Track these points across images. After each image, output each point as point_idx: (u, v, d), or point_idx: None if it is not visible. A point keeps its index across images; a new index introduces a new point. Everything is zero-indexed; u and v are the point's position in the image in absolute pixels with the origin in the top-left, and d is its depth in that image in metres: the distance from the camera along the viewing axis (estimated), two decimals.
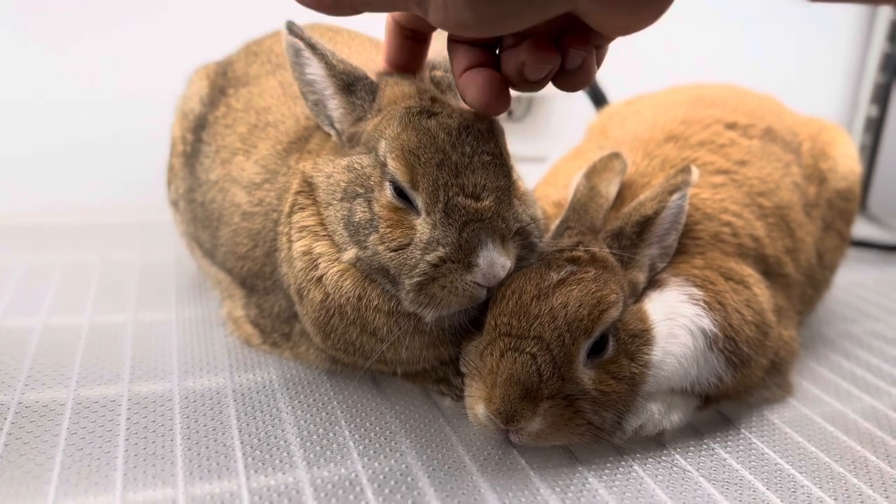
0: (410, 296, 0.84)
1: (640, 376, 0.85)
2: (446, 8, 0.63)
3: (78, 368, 1.00)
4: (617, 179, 0.97)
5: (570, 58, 0.72)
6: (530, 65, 0.71)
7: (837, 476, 0.88)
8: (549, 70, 0.72)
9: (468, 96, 0.76)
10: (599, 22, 0.65)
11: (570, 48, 0.71)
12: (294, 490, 0.79)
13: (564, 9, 0.63)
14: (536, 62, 0.71)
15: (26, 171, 1.64)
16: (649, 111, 1.18)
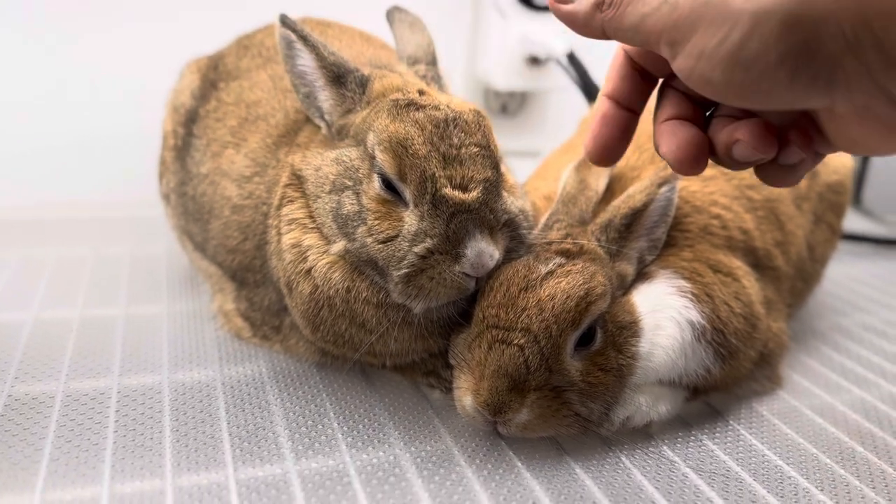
0: (399, 287, 0.84)
1: (627, 368, 0.85)
2: (700, 59, 0.60)
3: (68, 361, 1.00)
4: (606, 173, 0.97)
5: (788, 154, 0.67)
6: (745, 146, 0.66)
7: (825, 467, 0.88)
8: (761, 158, 0.67)
9: (664, 146, 0.71)
10: (845, 132, 0.62)
11: (793, 144, 0.66)
12: (282, 481, 0.79)
13: (816, 106, 0.60)
14: (753, 145, 0.65)
15: (18, 166, 1.64)
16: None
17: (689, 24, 0.60)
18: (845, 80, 0.55)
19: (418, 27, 1.05)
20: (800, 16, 0.54)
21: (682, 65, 0.63)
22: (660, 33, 0.63)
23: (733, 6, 0.57)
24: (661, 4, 0.63)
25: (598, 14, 0.69)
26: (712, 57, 0.59)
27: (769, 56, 0.56)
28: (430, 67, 1.02)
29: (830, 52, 0.54)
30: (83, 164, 1.67)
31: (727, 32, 0.58)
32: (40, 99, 1.63)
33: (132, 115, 1.58)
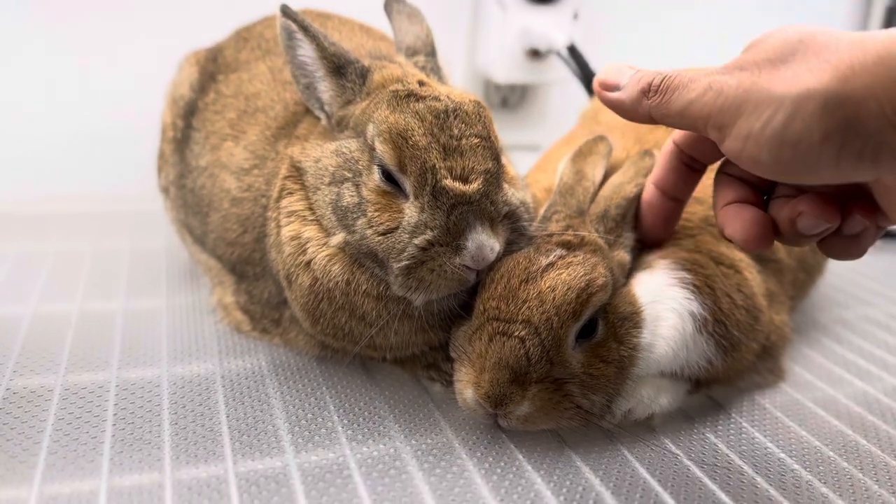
0: (399, 280, 0.83)
1: (629, 359, 0.85)
2: (747, 141, 0.63)
3: (67, 355, 1.00)
4: (603, 163, 0.97)
5: (851, 223, 0.68)
6: (808, 218, 0.68)
7: (827, 460, 0.88)
8: (825, 228, 0.68)
9: (729, 228, 0.73)
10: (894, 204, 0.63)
11: (855, 213, 0.68)
12: (282, 474, 0.79)
13: (865, 179, 0.61)
14: (815, 216, 0.67)
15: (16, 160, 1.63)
16: None
17: (734, 109, 0.63)
18: (890, 154, 0.57)
19: (417, 18, 1.04)
20: (840, 97, 0.57)
21: (730, 147, 0.65)
22: (707, 118, 0.66)
23: (776, 91, 0.60)
24: (706, 91, 0.66)
25: (645, 101, 0.72)
26: (759, 139, 0.61)
27: (813, 136, 0.58)
28: (429, 58, 1.01)
29: (872, 130, 0.57)
30: (81, 157, 1.67)
31: (771, 115, 0.60)
32: (39, 93, 1.62)
33: (130, 109, 1.57)
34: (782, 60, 0.62)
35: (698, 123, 0.67)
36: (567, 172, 0.96)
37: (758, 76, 0.62)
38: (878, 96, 0.55)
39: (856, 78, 0.56)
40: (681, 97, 0.68)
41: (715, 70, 0.67)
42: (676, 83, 0.69)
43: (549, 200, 0.95)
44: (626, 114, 0.76)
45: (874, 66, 0.56)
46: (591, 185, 0.94)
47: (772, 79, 0.61)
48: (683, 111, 0.68)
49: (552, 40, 1.67)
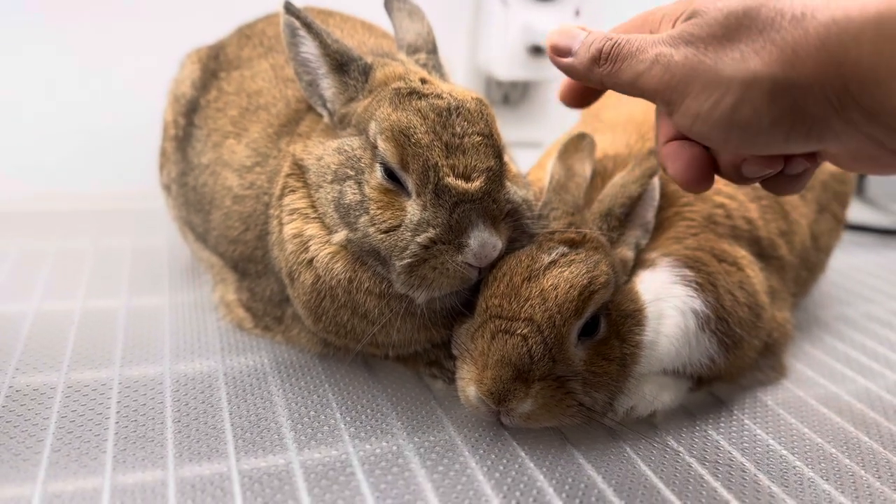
0: (401, 277, 0.83)
1: (631, 357, 0.85)
2: (696, 120, 0.63)
3: (70, 352, 1.00)
4: (589, 158, 0.97)
5: (794, 165, 0.69)
6: (752, 164, 0.67)
7: (830, 457, 0.88)
8: (768, 173, 0.68)
9: (671, 168, 0.72)
10: (842, 164, 0.65)
11: (797, 158, 0.68)
12: (285, 472, 0.79)
13: (811, 150, 0.63)
14: (760, 162, 0.67)
15: (19, 158, 1.64)
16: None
17: (681, 87, 0.64)
18: (834, 134, 0.59)
19: (417, 16, 1.04)
20: (787, 83, 0.58)
21: (679, 122, 0.66)
22: (655, 92, 0.67)
23: (723, 72, 0.60)
24: (653, 64, 0.66)
25: (596, 69, 0.72)
26: (707, 119, 0.62)
27: (762, 120, 0.60)
28: (431, 56, 1.01)
29: (818, 115, 0.58)
30: (83, 155, 1.67)
31: (719, 98, 0.61)
32: (40, 91, 1.62)
33: (132, 107, 1.58)
34: (728, 38, 0.61)
35: (647, 95, 0.68)
36: (557, 170, 0.96)
37: (704, 53, 0.62)
38: (822, 83, 0.56)
39: (800, 63, 0.56)
40: (630, 68, 0.68)
41: (662, 39, 0.66)
42: (626, 51, 0.68)
43: (543, 199, 0.95)
44: (579, 79, 0.76)
45: (816, 51, 0.56)
46: (582, 180, 0.94)
47: (718, 58, 0.61)
48: (633, 82, 0.68)
49: None
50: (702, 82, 0.62)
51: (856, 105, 0.55)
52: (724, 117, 0.61)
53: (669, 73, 0.64)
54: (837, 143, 0.60)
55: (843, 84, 0.55)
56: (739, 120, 0.60)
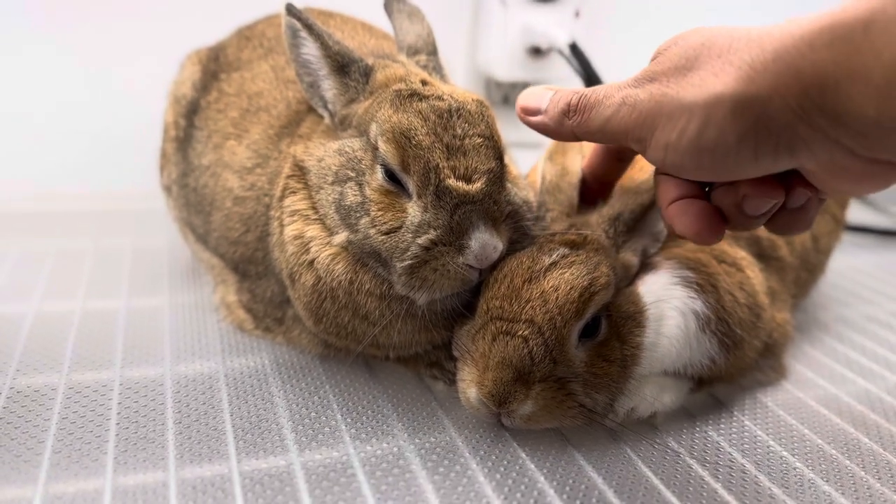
0: (402, 279, 0.83)
1: (631, 358, 0.85)
2: (667, 151, 0.65)
3: (70, 354, 1.00)
4: (579, 156, 0.97)
5: (795, 196, 0.68)
6: (752, 199, 0.67)
7: (830, 458, 0.88)
8: (771, 205, 0.68)
9: (678, 226, 0.72)
10: (822, 183, 0.64)
11: (797, 186, 0.68)
12: (286, 473, 0.79)
13: (787, 168, 0.62)
14: (759, 195, 0.67)
15: (19, 158, 1.63)
16: None
17: (649, 122, 0.66)
18: (804, 144, 0.59)
19: (417, 17, 1.04)
20: (747, 98, 0.58)
21: (652, 157, 0.68)
22: (625, 132, 0.69)
23: (686, 99, 0.62)
24: (620, 106, 0.68)
25: (567, 121, 0.75)
26: (677, 148, 0.64)
27: (728, 139, 0.60)
28: (431, 58, 1.01)
29: (783, 124, 0.58)
30: (84, 155, 1.67)
31: (685, 125, 0.62)
32: (41, 91, 1.62)
33: (132, 107, 1.57)
34: (688, 67, 0.63)
35: (619, 137, 0.70)
36: (549, 170, 0.96)
37: (667, 86, 0.64)
38: (781, 93, 0.57)
39: (758, 77, 0.58)
40: (598, 114, 0.70)
41: (627, 83, 0.69)
42: (593, 101, 0.71)
43: (537, 200, 0.95)
44: (552, 135, 0.78)
45: (773, 63, 0.57)
46: (574, 178, 0.94)
47: (680, 87, 0.63)
48: (603, 128, 0.70)
49: (553, 38, 1.67)
50: (667, 113, 0.63)
51: (818, 110, 0.56)
52: (692, 143, 0.62)
53: (636, 111, 0.66)
54: (810, 156, 0.59)
55: (803, 90, 0.56)
56: (706, 143, 0.61)
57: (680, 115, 0.62)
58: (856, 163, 0.59)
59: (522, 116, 0.81)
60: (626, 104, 0.67)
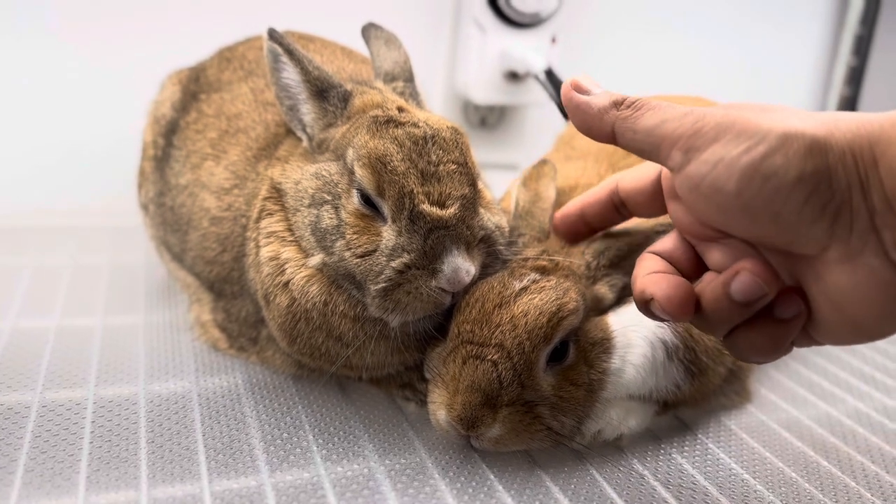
0: (376, 301, 0.85)
1: (598, 383, 0.87)
2: (717, 165, 0.61)
3: (44, 371, 1.00)
4: (552, 183, 0.99)
5: (785, 304, 0.64)
6: (747, 276, 0.63)
7: (790, 481, 0.91)
8: (763, 293, 0.63)
9: (651, 289, 0.69)
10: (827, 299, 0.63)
11: (792, 294, 0.65)
12: (256, 494, 0.80)
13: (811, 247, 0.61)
14: (756, 274, 0.63)
15: None
16: None
17: (713, 134, 0.62)
18: (849, 216, 0.58)
19: (394, 44, 1.07)
20: (824, 142, 0.58)
21: (694, 170, 0.63)
22: (677, 139, 0.65)
23: (762, 124, 0.60)
24: (685, 114, 0.65)
25: (614, 111, 0.71)
26: (731, 165, 0.60)
27: (789, 173, 0.58)
28: (408, 84, 1.03)
29: (844, 185, 0.58)
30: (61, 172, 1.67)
31: (753, 145, 0.60)
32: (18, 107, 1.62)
33: (111, 125, 1.58)
34: (766, 109, 0.63)
35: (664, 144, 0.66)
36: (522, 196, 0.98)
37: (745, 112, 0.62)
38: (854, 153, 0.57)
39: (838, 133, 0.58)
40: (655, 115, 0.67)
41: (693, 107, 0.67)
42: (654, 104, 0.68)
43: (510, 225, 0.97)
44: (588, 119, 0.73)
45: (856, 126, 0.58)
46: (547, 204, 0.96)
47: (760, 116, 0.61)
48: (654, 129, 0.67)
49: (530, 63, 1.70)
50: (737, 130, 0.61)
51: (879, 187, 0.56)
52: (751, 164, 0.59)
53: (703, 121, 0.63)
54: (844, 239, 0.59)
55: (874, 160, 0.56)
56: (766, 169, 0.59)
57: (752, 135, 0.60)
58: (881, 267, 0.58)
59: (569, 91, 0.74)
60: (693, 114, 0.64)
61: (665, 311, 0.68)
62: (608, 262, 0.92)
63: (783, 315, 0.65)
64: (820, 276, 0.63)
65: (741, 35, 2.24)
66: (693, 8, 2.14)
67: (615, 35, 2.05)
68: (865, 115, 0.59)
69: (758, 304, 0.64)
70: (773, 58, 2.31)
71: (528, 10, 1.71)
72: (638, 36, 2.08)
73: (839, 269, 0.61)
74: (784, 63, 2.34)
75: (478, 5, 1.72)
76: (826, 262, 0.61)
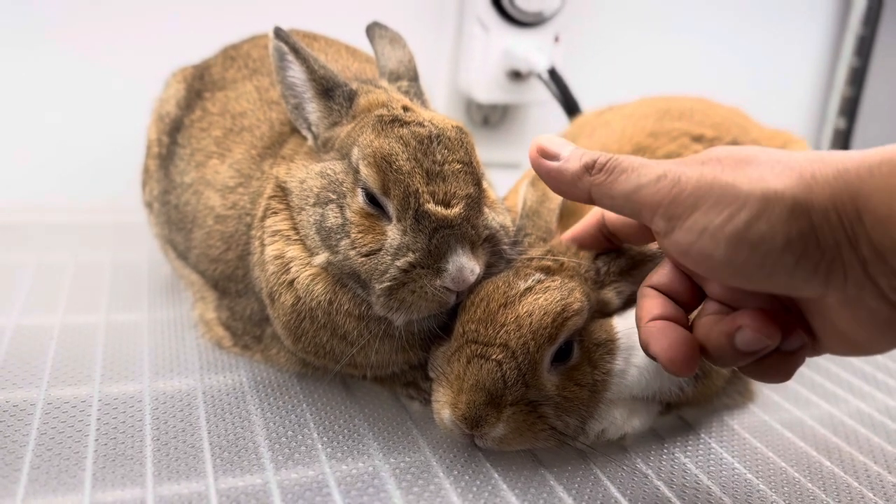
0: (381, 300, 0.85)
1: (602, 384, 0.87)
2: (702, 235, 0.60)
3: (49, 369, 1.00)
4: None
5: (791, 339, 0.65)
6: (748, 332, 0.63)
7: (792, 481, 0.91)
8: (767, 345, 0.63)
9: (654, 346, 0.69)
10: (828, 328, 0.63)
11: (797, 329, 0.65)
12: (262, 492, 0.80)
13: (810, 295, 0.61)
14: (757, 331, 0.63)
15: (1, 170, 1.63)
16: (618, 122, 1.21)
17: (691, 201, 0.61)
18: (842, 270, 0.58)
19: (399, 43, 1.07)
20: (805, 202, 0.57)
21: (679, 239, 0.62)
22: (656, 206, 0.63)
23: (741, 188, 0.58)
24: (660, 178, 0.63)
25: (587, 177, 0.69)
26: (716, 234, 0.59)
27: (776, 239, 0.57)
28: (412, 83, 1.03)
29: (831, 242, 0.57)
30: (65, 169, 1.67)
31: (734, 212, 0.58)
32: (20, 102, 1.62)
33: (115, 121, 1.58)
34: (745, 162, 0.61)
35: (644, 210, 0.65)
36: (530, 196, 0.98)
37: (720, 171, 0.61)
38: (837, 209, 0.56)
39: (818, 188, 0.56)
40: (629, 180, 0.65)
41: (670, 162, 0.65)
42: (625, 165, 0.67)
43: (517, 224, 0.97)
44: (562, 186, 0.73)
45: (834, 179, 0.56)
46: (554, 205, 0.96)
47: (736, 176, 0.60)
48: (631, 195, 0.65)
49: (533, 63, 1.70)
50: (716, 196, 0.60)
51: (867, 239, 0.55)
52: (737, 232, 0.58)
53: (679, 186, 0.62)
54: (840, 288, 0.58)
55: (858, 215, 0.55)
56: (752, 236, 0.58)
57: (731, 201, 0.58)
58: (882, 308, 0.58)
59: (537, 158, 0.74)
60: (668, 177, 0.63)
61: (669, 371, 0.68)
62: (619, 269, 0.91)
63: (788, 349, 0.66)
64: (822, 312, 0.63)
65: (743, 36, 2.24)
66: (696, 7, 2.15)
67: (618, 34, 2.05)
68: (841, 161, 0.57)
69: (763, 352, 0.65)
70: (775, 57, 2.31)
71: (531, 10, 1.72)
72: (641, 35, 2.08)
73: (840, 309, 0.61)
74: (786, 63, 2.34)
75: (481, 4, 1.73)
76: (827, 304, 0.62)
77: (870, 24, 2.25)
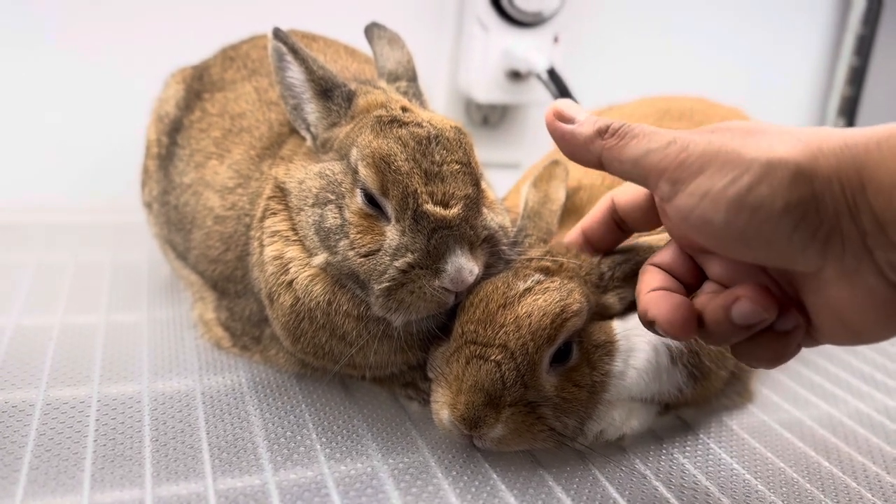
0: (380, 301, 0.85)
1: (600, 385, 0.87)
2: (703, 199, 0.61)
3: (48, 369, 1.00)
4: (563, 185, 0.99)
5: (786, 318, 0.65)
6: (745, 303, 0.63)
7: (791, 481, 0.91)
8: (762, 319, 0.64)
9: (653, 310, 0.69)
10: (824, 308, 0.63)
11: (792, 308, 0.65)
12: (260, 492, 0.80)
13: (806, 267, 0.61)
14: (755, 302, 0.63)
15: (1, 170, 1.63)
16: None
17: (697, 165, 0.62)
18: (840, 241, 0.58)
19: (397, 43, 1.07)
20: (809, 170, 0.57)
21: (682, 203, 0.63)
22: (662, 170, 0.64)
23: (746, 154, 0.60)
24: (669, 144, 0.64)
25: (599, 141, 0.70)
26: (718, 198, 0.60)
27: (776, 203, 0.58)
28: (411, 84, 1.04)
29: (832, 211, 0.57)
30: (64, 169, 1.67)
31: (737, 175, 0.59)
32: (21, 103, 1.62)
33: (114, 122, 1.58)
34: (752, 133, 0.62)
35: (651, 175, 0.66)
36: (532, 197, 0.99)
37: (728, 139, 0.62)
38: (841, 179, 0.57)
39: (823, 158, 0.57)
40: (639, 145, 0.67)
41: (681, 130, 0.66)
42: (637, 131, 0.68)
43: (517, 224, 0.97)
44: (574, 149, 0.73)
45: (841, 151, 0.57)
46: (556, 206, 0.97)
47: (742, 143, 0.61)
48: (639, 159, 0.66)
49: (532, 63, 1.70)
50: (721, 161, 0.61)
51: (869, 210, 0.56)
52: (738, 196, 0.59)
53: (687, 152, 0.63)
54: (838, 257, 0.59)
55: (861, 184, 0.56)
56: (752, 200, 0.58)
57: (735, 166, 0.59)
58: (880, 286, 0.58)
59: (553, 120, 0.74)
60: (677, 143, 0.64)
61: (667, 333, 0.68)
62: (623, 275, 0.90)
63: (782, 328, 0.66)
64: (818, 289, 0.63)
65: (743, 36, 2.24)
66: (695, 7, 2.14)
67: (618, 34, 2.05)
68: (850, 135, 0.58)
69: (758, 326, 0.65)
70: (775, 58, 2.31)
71: (530, 10, 1.72)
72: (640, 35, 2.08)
73: (837, 285, 0.61)
74: (786, 63, 2.34)
75: (481, 4, 1.72)
76: (824, 278, 0.62)
77: (869, 23, 2.25)
